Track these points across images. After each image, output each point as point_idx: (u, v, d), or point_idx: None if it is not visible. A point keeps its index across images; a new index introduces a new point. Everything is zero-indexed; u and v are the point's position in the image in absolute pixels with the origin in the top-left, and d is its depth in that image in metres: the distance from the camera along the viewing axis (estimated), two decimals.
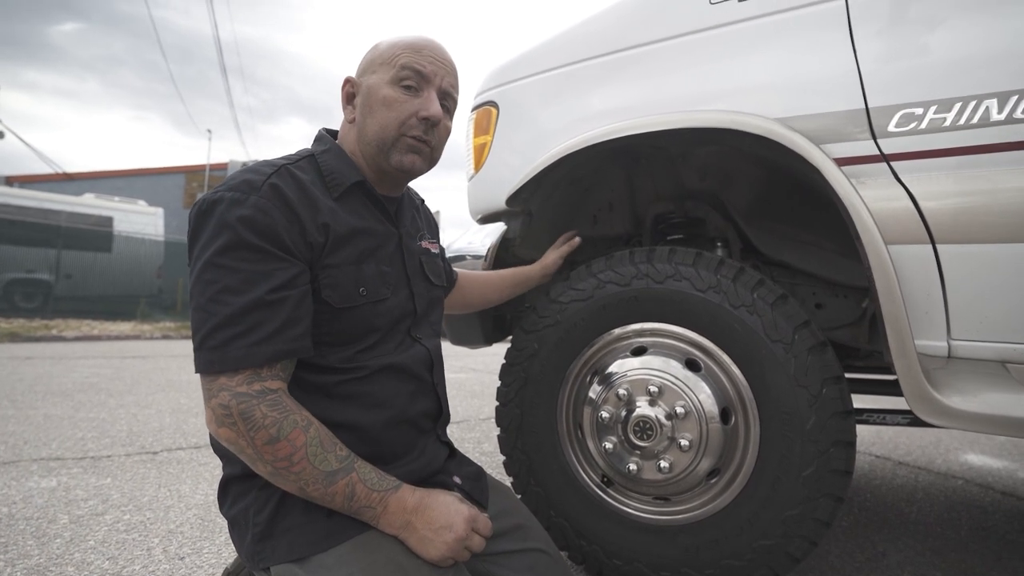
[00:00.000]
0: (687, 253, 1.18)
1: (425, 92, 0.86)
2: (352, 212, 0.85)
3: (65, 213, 11.02)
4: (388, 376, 0.86)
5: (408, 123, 0.85)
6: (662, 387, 1.13)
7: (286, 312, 0.73)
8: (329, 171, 0.86)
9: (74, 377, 4.28)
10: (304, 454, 0.71)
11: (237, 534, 0.81)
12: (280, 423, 0.70)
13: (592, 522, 1.22)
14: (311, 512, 0.76)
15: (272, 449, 0.70)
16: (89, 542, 1.45)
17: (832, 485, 1.01)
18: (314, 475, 0.72)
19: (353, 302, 0.81)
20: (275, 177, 0.77)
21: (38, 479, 1.93)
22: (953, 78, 0.90)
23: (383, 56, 0.87)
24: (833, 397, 1.02)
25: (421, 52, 0.86)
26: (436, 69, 0.87)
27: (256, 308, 0.72)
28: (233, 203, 0.73)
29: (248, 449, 0.71)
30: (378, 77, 0.86)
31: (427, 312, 0.98)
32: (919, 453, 2.78)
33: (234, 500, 0.81)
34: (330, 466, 0.73)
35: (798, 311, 1.08)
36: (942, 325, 0.92)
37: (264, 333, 0.72)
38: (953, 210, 0.90)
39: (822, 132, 1.01)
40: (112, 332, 8.44)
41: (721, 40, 1.14)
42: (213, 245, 0.72)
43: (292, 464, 0.71)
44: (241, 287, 0.71)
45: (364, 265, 0.84)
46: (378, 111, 0.85)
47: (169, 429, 2.75)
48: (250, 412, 0.70)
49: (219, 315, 0.71)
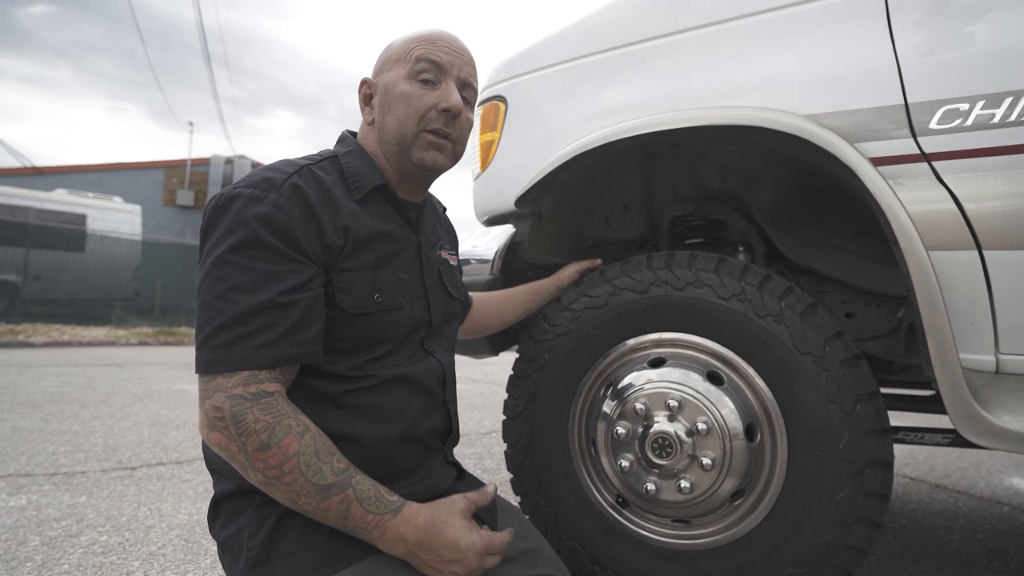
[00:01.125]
0: (709, 258, 1.19)
1: (443, 84, 0.88)
2: (373, 216, 0.87)
3: (34, 210, 11.05)
4: (398, 388, 0.87)
5: (428, 116, 0.87)
6: (682, 401, 1.13)
7: (297, 315, 0.75)
8: (352, 173, 0.88)
9: (44, 386, 4.29)
10: (296, 463, 0.71)
11: (229, 558, 0.81)
12: (272, 428, 0.71)
13: (606, 546, 1.22)
14: (311, 535, 0.76)
15: (263, 456, 0.70)
16: (63, 566, 1.46)
17: (868, 509, 1.01)
18: (306, 488, 0.71)
19: (367, 308, 0.83)
20: (296, 177, 0.80)
21: (6, 497, 1.93)
22: (1002, 70, 0.91)
23: (398, 52, 0.90)
24: (868, 414, 1.02)
25: (436, 43, 0.89)
26: (453, 59, 0.89)
27: (266, 309, 0.73)
28: (252, 200, 0.76)
29: (239, 455, 0.71)
30: (394, 74, 0.89)
31: (442, 325, 0.99)
32: (958, 476, 2.77)
33: (226, 521, 0.81)
34: (324, 479, 0.72)
35: (829, 321, 1.08)
36: (990, 338, 0.92)
37: (272, 335, 0.73)
38: (1002, 213, 0.90)
39: (856, 130, 1.01)
40: (85, 338, 8.47)
41: (747, 31, 1.14)
42: (227, 241, 0.74)
43: (283, 474, 0.71)
44: (252, 286, 0.73)
45: (381, 271, 0.86)
46: (396, 107, 0.88)
47: (148, 443, 2.75)
48: (242, 415, 0.70)
49: (227, 313, 0.72)
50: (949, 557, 1.73)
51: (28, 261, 10.65)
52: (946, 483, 2.62)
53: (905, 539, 1.87)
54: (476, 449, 2.90)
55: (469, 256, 1.51)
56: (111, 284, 11.70)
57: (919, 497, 2.38)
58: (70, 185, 14.36)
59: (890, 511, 2.16)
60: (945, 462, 3.04)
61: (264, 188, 0.77)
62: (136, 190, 16.79)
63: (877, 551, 1.75)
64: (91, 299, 11.24)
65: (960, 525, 2.04)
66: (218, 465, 0.84)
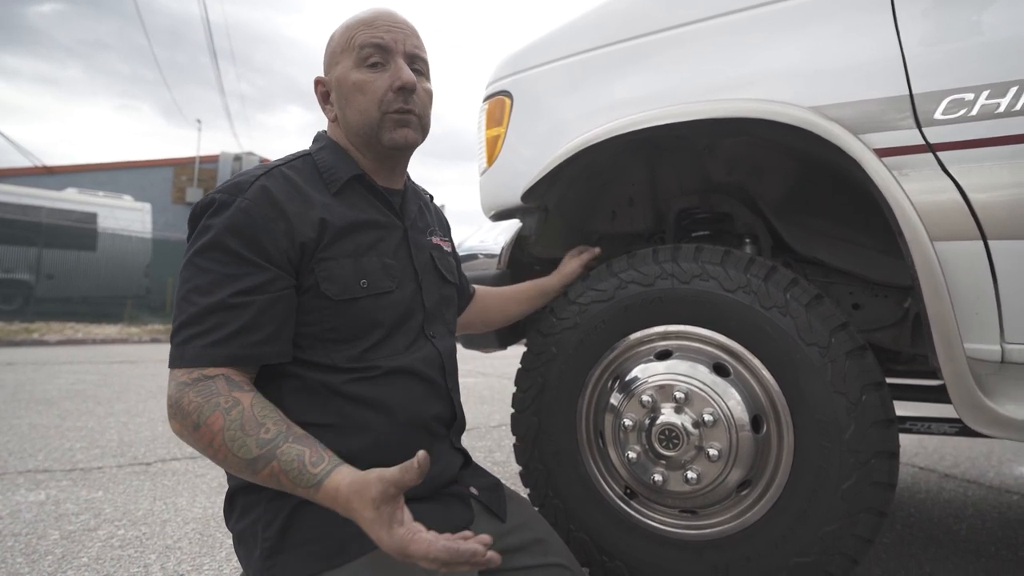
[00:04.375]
0: (714, 251, 1.19)
1: (392, 63, 0.89)
2: (352, 206, 0.89)
3: (46, 209, 11.16)
4: (400, 379, 0.88)
5: (385, 99, 0.89)
6: (689, 393, 1.14)
7: (248, 316, 0.77)
8: (326, 167, 0.90)
9: (59, 384, 4.35)
10: (222, 440, 0.71)
11: (244, 550, 0.83)
12: (200, 408, 0.73)
13: (614, 536, 1.24)
14: (324, 526, 0.78)
15: (198, 435, 0.72)
16: (82, 559, 1.49)
17: (874, 499, 1.02)
18: (236, 462, 0.71)
19: (353, 294, 0.85)
20: (264, 179, 0.83)
21: (25, 492, 1.97)
22: (1007, 60, 0.90)
23: (340, 43, 0.91)
24: (874, 404, 1.03)
25: (374, 24, 0.90)
26: (395, 36, 0.90)
27: (217, 310, 0.76)
28: (220, 205, 0.80)
29: (188, 437, 0.74)
30: (343, 66, 0.90)
31: (439, 309, 1.00)
32: (968, 465, 2.76)
33: (241, 513, 0.83)
34: (249, 452, 0.70)
35: (835, 312, 1.08)
36: (995, 327, 0.92)
37: (220, 335, 0.76)
38: (1008, 203, 0.90)
39: (861, 121, 1.01)
40: (98, 335, 8.57)
41: (751, 23, 1.14)
42: (195, 245, 0.79)
43: (215, 450, 0.72)
44: (208, 288, 0.77)
45: (364, 258, 0.87)
46: (353, 99, 0.90)
47: (163, 438, 2.80)
48: (180, 399, 0.74)
49: (186, 313, 0.77)
50: (958, 546, 1.73)
51: (41, 260, 10.77)
52: (955, 472, 2.62)
53: (914, 528, 1.87)
54: (486, 442, 2.92)
55: (476, 251, 1.52)
56: (123, 282, 11.80)
57: (928, 487, 2.38)
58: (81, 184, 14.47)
59: (899, 500, 2.16)
60: (955, 451, 3.03)
61: (232, 193, 0.81)
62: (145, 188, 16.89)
63: (886, 540, 1.76)
64: (103, 297, 11.36)
65: (969, 514, 2.04)
66: None
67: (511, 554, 0.93)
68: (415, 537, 0.64)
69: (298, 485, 0.70)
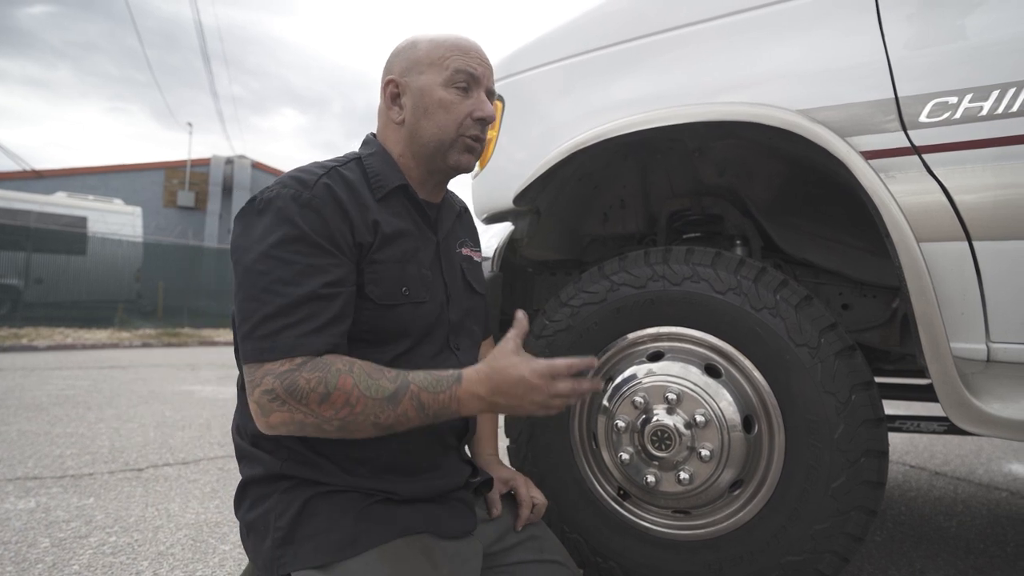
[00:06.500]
0: (705, 253, 1.20)
1: (475, 93, 0.94)
2: (395, 214, 0.92)
3: (35, 213, 11.07)
4: None
5: (465, 124, 0.93)
6: (680, 394, 1.15)
7: (337, 307, 0.80)
8: (374, 173, 0.93)
9: (48, 389, 4.31)
10: (359, 392, 0.75)
11: (254, 539, 0.84)
12: (325, 379, 0.75)
13: (608, 537, 1.24)
14: (336, 518, 0.80)
15: (329, 404, 0.74)
16: (73, 567, 1.48)
17: (863, 497, 1.03)
18: (378, 405, 0.76)
19: (395, 300, 0.87)
20: (326, 177, 0.85)
21: (15, 500, 1.96)
22: (989, 64, 0.92)
23: (430, 57, 0.93)
24: (863, 404, 1.04)
25: (469, 55, 0.94)
26: (485, 71, 0.95)
27: (311, 300, 0.78)
28: (291, 199, 0.81)
29: (308, 418, 0.75)
30: (428, 79, 0.92)
31: (464, 321, 1.02)
32: (958, 463, 2.79)
33: (253, 503, 0.85)
34: (387, 390, 0.76)
35: (824, 313, 1.09)
36: (980, 327, 0.94)
37: (316, 324, 0.77)
38: (991, 204, 0.91)
39: (848, 124, 1.03)
40: (88, 341, 8.49)
41: (740, 27, 1.16)
42: (269, 238, 0.79)
43: (354, 406, 0.75)
44: (296, 279, 0.78)
45: (408, 265, 0.90)
46: (435, 113, 0.92)
47: (154, 444, 2.78)
48: (294, 383, 0.75)
49: (272, 304, 0.77)
50: (947, 543, 1.75)
51: (30, 264, 10.65)
52: (946, 470, 2.64)
53: (904, 526, 1.89)
54: None
55: None
56: (113, 286, 11.70)
57: (919, 485, 2.40)
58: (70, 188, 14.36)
59: (890, 499, 2.18)
60: (945, 449, 3.06)
61: (299, 187, 0.83)
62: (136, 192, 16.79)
63: (877, 538, 1.77)
64: (94, 302, 11.25)
65: (959, 511, 2.06)
66: (245, 451, 0.88)
67: (507, 551, 0.95)
68: (553, 361, 0.78)
69: (440, 391, 0.77)
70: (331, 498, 0.82)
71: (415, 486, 0.87)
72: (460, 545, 0.87)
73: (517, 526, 1.00)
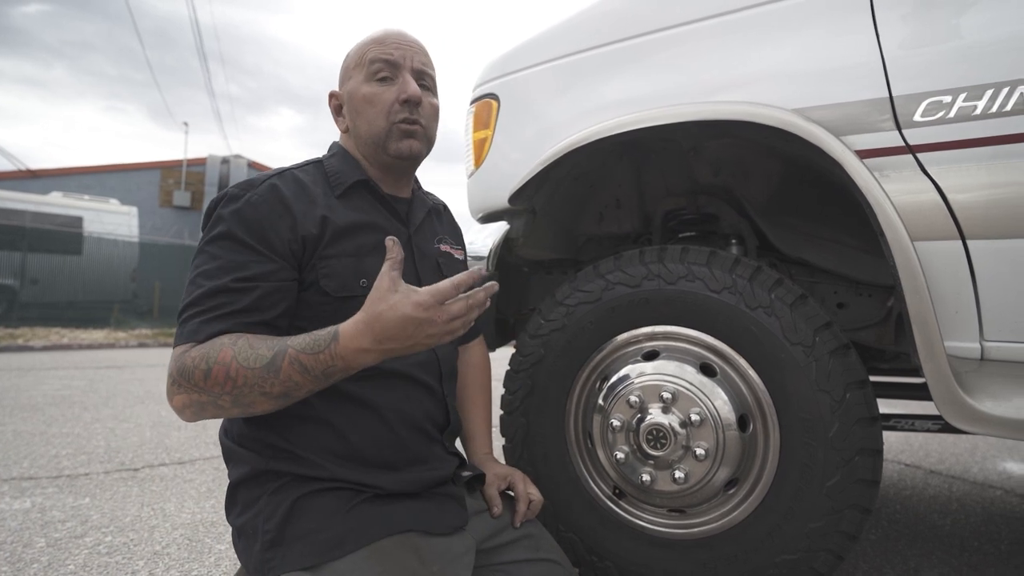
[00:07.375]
0: (700, 252, 1.20)
1: (400, 77, 0.95)
2: (356, 209, 0.94)
3: (30, 213, 11.01)
4: (395, 382, 0.91)
5: (392, 110, 0.94)
6: (676, 393, 1.15)
7: (248, 300, 0.81)
8: (333, 172, 0.96)
9: (44, 390, 4.30)
10: (237, 364, 0.75)
11: (244, 543, 0.84)
12: (206, 354, 0.76)
13: (603, 536, 1.24)
14: (324, 518, 0.80)
15: (212, 379, 0.75)
16: (69, 566, 1.47)
17: (858, 496, 1.03)
18: (258, 375, 0.74)
19: (352, 292, 0.88)
20: (275, 178, 0.90)
21: (10, 500, 1.95)
22: (983, 63, 0.92)
23: (354, 60, 0.97)
24: (857, 402, 1.04)
25: (384, 42, 0.95)
26: (403, 52, 0.95)
27: (220, 292, 0.80)
28: (231, 198, 0.86)
29: (202, 396, 0.76)
30: (355, 81, 0.96)
31: None
32: (952, 461, 2.79)
33: (243, 507, 0.85)
34: (264, 358, 0.75)
35: (819, 312, 1.09)
36: (974, 326, 0.94)
37: (220, 313, 0.80)
38: (985, 203, 0.91)
39: (842, 123, 1.03)
40: (84, 341, 8.46)
41: (735, 26, 1.16)
42: (207, 235, 0.86)
43: (235, 380, 0.74)
44: (215, 272, 0.82)
45: (368, 258, 0.90)
46: (363, 110, 0.95)
47: (150, 444, 2.77)
48: (183, 364, 0.76)
49: (191, 295, 0.81)
50: (942, 541, 1.76)
51: (25, 264, 10.61)
52: (940, 469, 2.65)
53: (899, 524, 1.90)
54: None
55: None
56: (109, 286, 11.66)
57: (914, 483, 2.41)
58: (66, 187, 14.31)
59: (885, 497, 2.19)
60: (940, 448, 3.07)
61: (244, 188, 0.88)
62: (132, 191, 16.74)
63: (872, 536, 1.78)
64: (89, 302, 11.21)
65: (953, 509, 2.07)
66: (231, 453, 0.90)
67: (503, 549, 0.95)
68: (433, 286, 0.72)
69: (319, 351, 0.74)
70: (319, 498, 0.83)
71: (402, 479, 0.88)
72: (451, 541, 0.87)
73: (515, 522, 1.00)
